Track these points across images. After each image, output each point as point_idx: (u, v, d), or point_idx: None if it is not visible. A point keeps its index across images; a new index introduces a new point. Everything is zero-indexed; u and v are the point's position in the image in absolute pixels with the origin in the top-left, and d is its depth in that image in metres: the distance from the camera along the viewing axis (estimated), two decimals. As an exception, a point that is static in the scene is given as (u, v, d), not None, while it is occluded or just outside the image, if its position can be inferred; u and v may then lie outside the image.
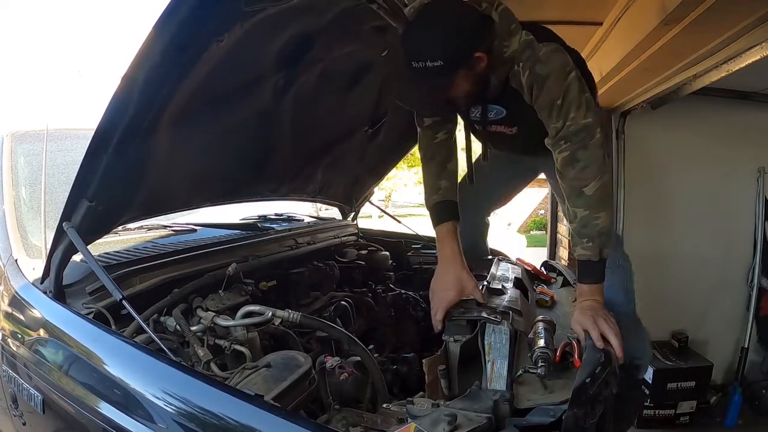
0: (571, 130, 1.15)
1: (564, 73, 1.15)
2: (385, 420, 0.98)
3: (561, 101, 1.15)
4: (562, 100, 1.15)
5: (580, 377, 0.90)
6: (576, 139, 1.15)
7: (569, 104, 1.15)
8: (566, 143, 1.16)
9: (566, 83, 1.15)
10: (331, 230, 2.18)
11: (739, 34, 1.54)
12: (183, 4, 0.86)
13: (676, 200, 2.95)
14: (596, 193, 1.14)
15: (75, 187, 1.00)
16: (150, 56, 0.89)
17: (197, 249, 1.48)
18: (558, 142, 1.18)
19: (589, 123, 1.15)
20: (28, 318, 1.12)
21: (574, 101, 1.15)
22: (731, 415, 2.70)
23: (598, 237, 1.14)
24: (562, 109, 1.15)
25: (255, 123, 1.48)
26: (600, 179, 1.14)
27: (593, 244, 1.14)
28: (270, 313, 1.16)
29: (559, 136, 1.17)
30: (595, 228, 1.14)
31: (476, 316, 1.14)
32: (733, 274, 2.93)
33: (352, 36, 1.40)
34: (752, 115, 2.77)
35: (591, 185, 1.14)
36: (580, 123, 1.15)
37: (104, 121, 0.93)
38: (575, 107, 1.15)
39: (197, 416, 0.79)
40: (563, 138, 1.16)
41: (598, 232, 1.14)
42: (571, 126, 1.15)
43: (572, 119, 1.15)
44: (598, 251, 1.15)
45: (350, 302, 1.67)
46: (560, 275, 1.79)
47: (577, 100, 1.15)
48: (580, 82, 1.17)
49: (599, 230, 1.14)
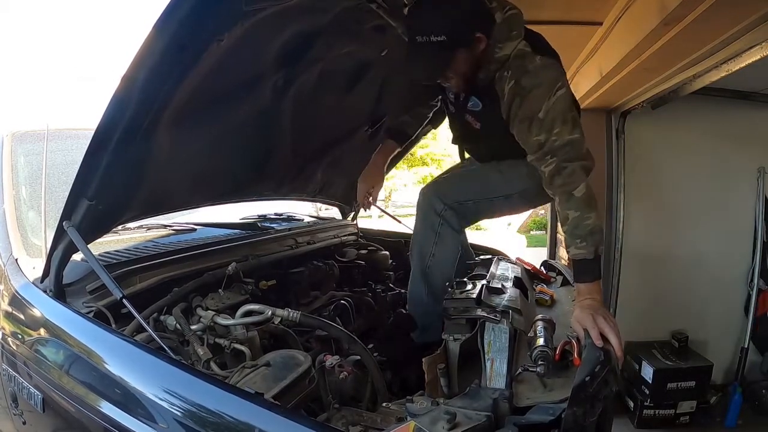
0: (556, 144, 1.18)
1: (550, 89, 1.19)
2: (385, 419, 0.98)
3: (543, 115, 1.18)
4: (544, 114, 1.18)
5: (579, 376, 0.90)
6: (561, 153, 1.18)
7: (553, 119, 1.18)
8: (552, 158, 1.19)
9: (553, 99, 1.18)
10: (331, 230, 2.18)
11: (739, 34, 1.54)
12: (183, 3, 0.86)
13: (676, 200, 2.94)
14: (584, 195, 1.18)
15: (75, 187, 1.01)
16: (150, 56, 0.90)
17: (197, 248, 1.48)
18: (543, 157, 1.21)
19: (576, 139, 1.19)
20: (28, 317, 1.13)
21: (559, 116, 1.18)
22: (731, 415, 2.70)
23: (591, 236, 1.17)
24: (544, 122, 1.19)
25: (255, 123, 1.48)
26: (586, 182, 1.19)
27: (587, 243, 1.17)
28: (270, 312, 1.17)
29: (544, 150, 1.20)
30: (587, 228, 1.17)
31: (476, 315, 1.14)
32: (733, 274, 2.92)
33: (352, 36, 1.40)
34: (752, 115, 2.77)
35: (579, 188, 1.18)
36: (566, 138, 1.18)
37: (104, 121, 0.94)
38: (560, 122, 1.18)
39: (197, 415, 0.79)
40: (548, 153, 1.20)
41: (590, 231, 1.17)
42: (557, 141, 1.18)
43: (557, 134, 1.18)
44: (592, 249, 1.17)
45: (350, 302, 1.67)
46: (560, 275, 1.79)
47: (562, 116, 1.18)
48: (568, 100, 1.20)
49: (591, 229, 1.17)
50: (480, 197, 1.47)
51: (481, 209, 1.51)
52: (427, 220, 1.46)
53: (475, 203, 1.47)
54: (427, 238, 1.46)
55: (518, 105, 1.22)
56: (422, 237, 1.48)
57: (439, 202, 1.45)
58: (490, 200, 1.48)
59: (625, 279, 2.96)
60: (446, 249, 1.46)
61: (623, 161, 2.92)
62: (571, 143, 1.18)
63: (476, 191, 1.48)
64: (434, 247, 1.45)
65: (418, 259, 1.49)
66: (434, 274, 1.46)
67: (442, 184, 1.57)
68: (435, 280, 1.46)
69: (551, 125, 1.18)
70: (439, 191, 1.48)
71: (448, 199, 1.44)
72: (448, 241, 1.46)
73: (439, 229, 1.45)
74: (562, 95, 1.19)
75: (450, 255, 1.47)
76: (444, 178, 1.65)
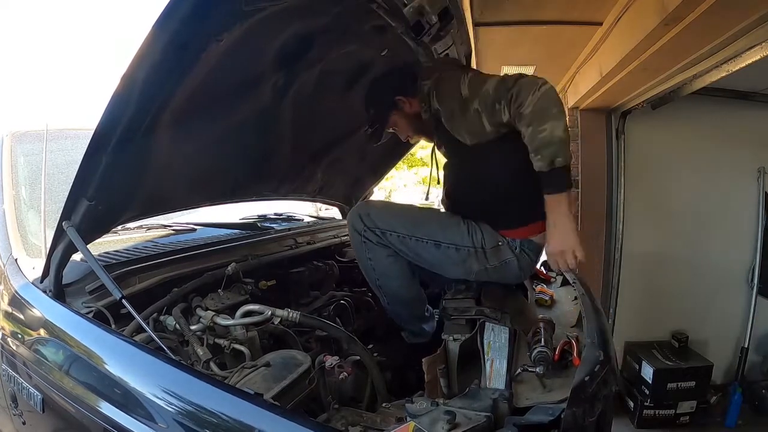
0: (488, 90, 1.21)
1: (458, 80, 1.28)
2: (385, 419, 0.98)
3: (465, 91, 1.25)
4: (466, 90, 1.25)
5: (579, 376, 0.90)
6: (502, 89, 1.19)
7: (474, 87, 1.24)
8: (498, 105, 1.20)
9: (466, 79, 1.27)
10: (330, 230, 2.18)
11: (739, 34, 1.54)
12: (183, 3, 0.86)
13: (676, 200, 2.95)
14: (534, 106, 1.15)
15: (75, 187, 1.00)
16: (150, 55, 0.89)
17: (197, 248, 1.48)
18: (493, 107, 1.22)
19: (503, 77, 1.21)
20: (27, 317, 1.12)
21: (479, 83, 1.24)
22: (731, 415, 2.70)
23: (546, 148, 1.15)
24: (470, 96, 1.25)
25: (255, 123, 1.48)
26: (535, 93, 1.15)
27: (542, 156, 1.16)
28: (269, 312, 1.17)
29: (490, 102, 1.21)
30: (541, 140, 1.15)
31: (476, 315, 1.14)
32: (734, 274, 2.92)
33: (352, 36, 1.40)
34: (752, 115, 2.77)
35: (527, 102, 1.15)
36: (496, 81, 1.21)
37: (104, 121, 0.93)
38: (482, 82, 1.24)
39: (197, 415, 0.79)
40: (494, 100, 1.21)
41: (544, 143, 1.15)
42: (487, 88, 1.22)
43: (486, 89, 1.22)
44: (548, 162, 1.15)
45: (350, 302, 1.67)
46: (560, 275, 1.79)
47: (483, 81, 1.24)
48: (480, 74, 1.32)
49: (545, 141, 1.15)
50: (408, 234, 1.35)
51: (410, 249, 1.36)
52: (354, 238, 1.40)
53: (401, 238, 1.35)
54: (361, 253, 1.40)
55: (441, 99, 1.31)
56: (358, 252, 1.42)
57: (359, 221, 1.37)
58: (419, 241, 1.35)
59: (625, 279, 2.96)
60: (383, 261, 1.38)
61: (623, 161, 2.92)
62: (502, 81, 1.20)
63: (406, 226, 1.35)
64: (371, 263, 1.39)
65: (365, 274, 1.45)
66: (387, 285, 1.42)
67: (370, 205, 1.47)
68: (390, 290, 1.42)
69: (477, 91, 1.23)
70: (363, 210, 1.39)
71: (370, 222, 1.35)
72: (380, 252, 1.38)
73: (366, 247, 1.38)
74: (473, 76, 1.28)
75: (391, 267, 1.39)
76: (379, 201, 1.62)
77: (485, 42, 2.30)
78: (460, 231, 1.35)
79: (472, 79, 1.27)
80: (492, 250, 1.34)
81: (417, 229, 1.35)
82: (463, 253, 1.34)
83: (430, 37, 1.50)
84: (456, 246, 1.34)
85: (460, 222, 1.37)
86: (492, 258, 1.33)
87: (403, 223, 1.36)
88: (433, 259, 1.36)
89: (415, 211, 1.45)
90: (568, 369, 1.04)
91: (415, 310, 1.49)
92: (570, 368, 1.04)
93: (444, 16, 1.41)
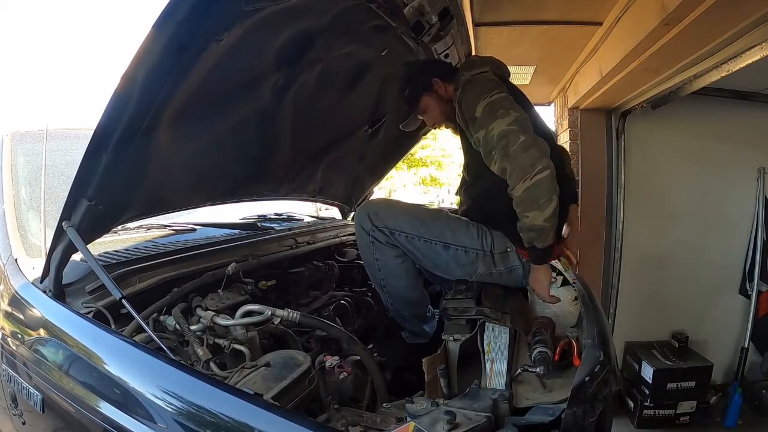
0: (492, 136, 1.23)
1: (480, 95, 1.28)
2: (385, 419, 0.98)
3: (480, 115, 1.26)
4: (481, 114, 1.26)
5: (579, 376, 0.90)
6: (499, 147, 1.22)
7: (486, 118, 1.25)
8: (495, 153, 1.23)
9: (485, 101, 1.27)
10: (331, 230, 2.18)
11: (739, 34, 1.54)
12: (182, 3, 0.86)
13: (676, 200, 2.94)
14: (523, 194, 1.20)
15: (75, 187, 1.00)
16: (149, 56, 0.89)
17: (197, 248, 1.48)
18: (489, 153, 1.26)
19: (510, 130, 1.21)
20: (27, 317, 1.12)
21: (491, 116, 1.24)
22: (731, 415, 2.70)
23: (527, 231, 1.24)
24: (477, 122, 1.27)
25: (255, 123, 1.48)
26: (526, 180, 1.19)
27: (522, 234, 1.26)
28: (269, 312, 1.17)
29: (488, 148, 1.26)
30: (522, 224, 1.24)
31: (476, 316, 1.14)
32: (733, 274, 2.92)
33: (352, 36, 1.40)
34: (752, 115, 2.77)
35: (517, 188, 1.21)
36: (503, 128, 1.22)
37: (104, 121, 0.93)
38: (492, 120, 1.24)
39: (196, 415, 0.79)
40: (491, 149, 1.24)
41: (525, 227, 1.24)
42: (492, 133, 1.23)
43: (492, 129, 1.23)
44: (527, 241, 1.26)
45: (350, 302, 1.67)
46: (560, 275, 1.79)
47: (493, 116, 1.24)
48: (502, 101, 1.27)
49: (525, 226, 1.24)
50: (417, 234, 1.34)
51: (417, 249, 1.36)
52: (361, 238, 1.40)
53: (409, 238, 1.34)
54: (368, 252, 1.41)
55: (461, 103, 1.32)
56: (365, 252, 1.42)
57: (367, 220, 1.36)
58: (428, 242, 1.35)
59: (625, 279, 2.96)
60: (390, 262, 1.39)
61: (623, 161, 2.92)
62: (507, 134, 1.21)
63: (414, 226, 1.35)
64: (378, 263, 1.39)
65: (370, 274, 1.46)
66: (392, 285, 1.42)
67: (379, 204, 1.49)
68: (394, 290, 1.43)
69: (484, 124, 1.25)
70: (372, 209, 1.39)
71: (379, 221, 1.35)
72: (388, 253, 1.38)
73: (374, 247, 1.38)
74: (498, 98, 1.27)
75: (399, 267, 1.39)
76: (386, 200, 1.64)
77: (485, 42, 2.30)
78: (470, 233, 1.37)
79: (489, 105, 1.27)
80: (500, 255, 1.37)
81: (426, 229, 1.36)
82: (472, 255, 1.36)
83: (430, 37, 1.51)
84: (465, 248, 1.36)
85: (469, 224, 1.38)
86: (499, 263, 1.37)
87: (411, 223, 1.36)
88: (440, 261, 1.37)
89: (424, 211, 1.45)
90: (569, 369, 1.04)
91: (417, 310, 1.50)
92: (570, 368, 1.04)
93: (444, 16, 1.42)
